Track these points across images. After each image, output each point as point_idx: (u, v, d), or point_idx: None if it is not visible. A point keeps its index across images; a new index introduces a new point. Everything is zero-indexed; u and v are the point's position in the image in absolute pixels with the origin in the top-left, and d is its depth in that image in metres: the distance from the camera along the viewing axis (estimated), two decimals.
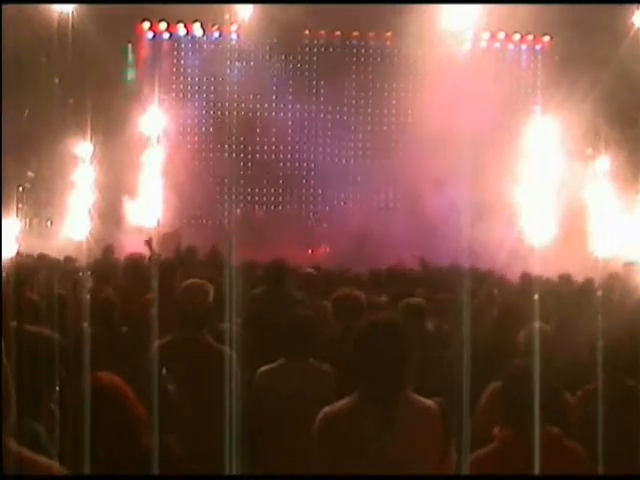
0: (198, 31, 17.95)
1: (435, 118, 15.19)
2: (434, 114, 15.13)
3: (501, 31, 18.05)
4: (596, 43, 14.76)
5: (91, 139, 15.97)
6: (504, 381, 3.49)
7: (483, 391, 4.37)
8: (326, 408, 3.21)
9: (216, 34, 18.02)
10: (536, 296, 5.91)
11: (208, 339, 4.52)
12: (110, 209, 16.27)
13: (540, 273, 9.34)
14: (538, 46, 18.47)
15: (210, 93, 17.96)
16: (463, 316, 5.14)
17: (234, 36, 17.82)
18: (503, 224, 15.64)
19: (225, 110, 18.16)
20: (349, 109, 18.58)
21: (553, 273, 9.82)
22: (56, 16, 15.76)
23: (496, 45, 18.37)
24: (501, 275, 10.18)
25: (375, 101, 18.64)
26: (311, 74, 18.54)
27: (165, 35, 18.09)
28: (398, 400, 3.09)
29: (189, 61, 18.35)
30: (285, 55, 18.28)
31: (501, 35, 18.19)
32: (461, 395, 3.88)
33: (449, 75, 16.31)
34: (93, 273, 8.18)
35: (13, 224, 14.63)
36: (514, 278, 9.74)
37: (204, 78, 18.14)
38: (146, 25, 17.77)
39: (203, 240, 12.02)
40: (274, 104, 18.33)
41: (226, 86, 17.90)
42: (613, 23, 15.60)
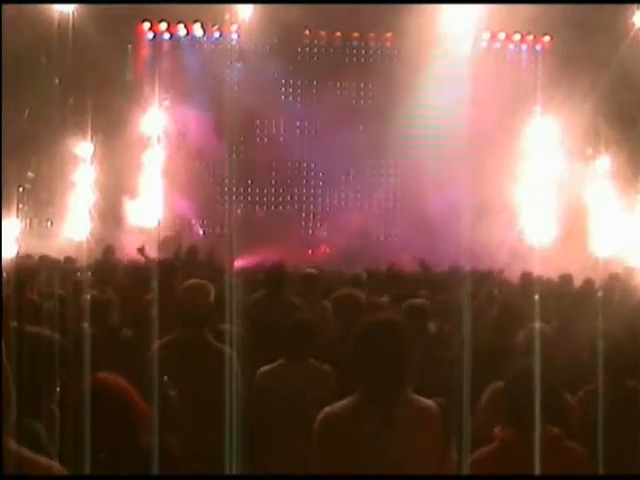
0: (198, 31, 17.95)
1: (435, 118, 15.20)
2: (434, 114, 15.13)
3: (501, 31, 18.03)
4: (596, 43, 14.75)
5: (91, 139, 15.96)
6: (506, 382, 3.49)
7: (483, 391, 4.37)
8: (326, 408, 3.20)
9: (216, 34, 18.01)
10: (536, 296, 5.91)
11: (209, 338, 4.52)
12: (110, 209, 16.26)
13: (540, 273, 9.35)
14: (538, 46, 18.45)
15: (210, 93, 17.94)
16: (463, 317, 5.14)
17: (234, 36, 17.82)
18: (503, 224, 15.64)
19: (225, 110, 18.15)
20: (349, 109, 18.56)
21: (553, 273, 9.83)
22: (56, 16, 15.75)
23: (496, 45, 18.34)
24: (501, 275, 10.19)
25: (375, 101, 18.62)
26: (311, 74, 18.54)
27: (165, 35, 18.07)
28: (398, 400, 3.09)
29: (189, 61, 18.33)
30: (285, 55, 18.28)
31: (501, 35, 18.18)
32: (461, 395, 3.88)
33: (449, 75, 16.31)
34: (94, 274, 8.20)
35: (13, 224, 14.63)
36: (514, 278, 9.74)
37: (204, 78, 18.12)
38: (146, 25, 17.76)
39: (203, 240, 12.03)
40: (274, 104, 18.32)
41: (226, 86, 17.88)
42: (613, 23, 15.60)
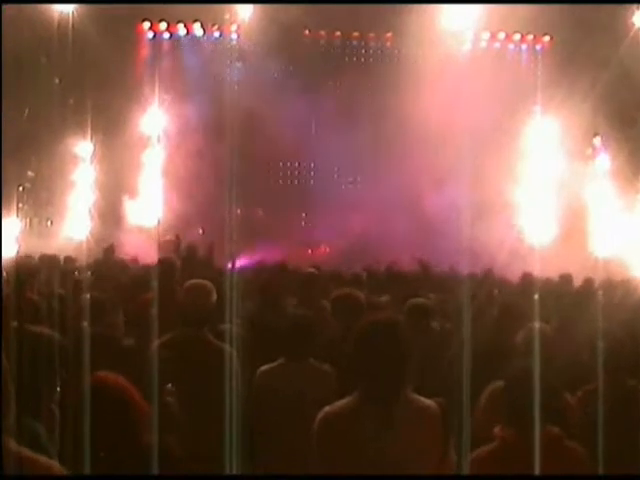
0: (198, 31, 17.95)
1: (435, 118, 15.19)
2: (434, 114, 15.12)
3: (501, 31, 18.03)
4: (596, 43, 14.75)
5: (91, 139, 15.95)
6: (506, 382, 3.49)
7: (482, 391, 4.37)
8: (326, 408, 3.20)
9: (216, 34, 18.01)
10: (536, 296, 5.91)
11: (209, 337, 4.52)
12: (110, 209, 16.25)
13: (540, 273, 9.35)
14: (538, 46, 18.45)
15: (210, 93, 17.93)
16: (463, 316, 5.14)
17: (234, 36, 17.82)
18: (503, 224, 15.64)
19: (225, 110, 18.14)
20: (349, 109, 18.55)
21: (553, 273, 9.82)
22: (56, 16, 15.74)
23: (496, 45, 18.35)
24: (501, 275, 10.19)
25: (375, 101, 18.61)
26: (311, 74, 18.52)
27: (165, 35, 18.07)
28: (398, 400, 3.09)
29: (189, 61, 18.33)
30: (285, 55, 18.26)
31: (501, 35, 18.18)
32: (461, 395, 3.88)
33: (449, 75, 16.30)
34: (93, 273, 8.20)
35: (13, 224, 14.62)
36: (514, 278, 9.74)
37: (204, 78, 18.11)
38: (146, 25, 17.76)
39: (203, 240, 12.04)
40: (274, 104, 18.31)
41: (226, 86, 17.87)
42: (613, 23, 15.59)
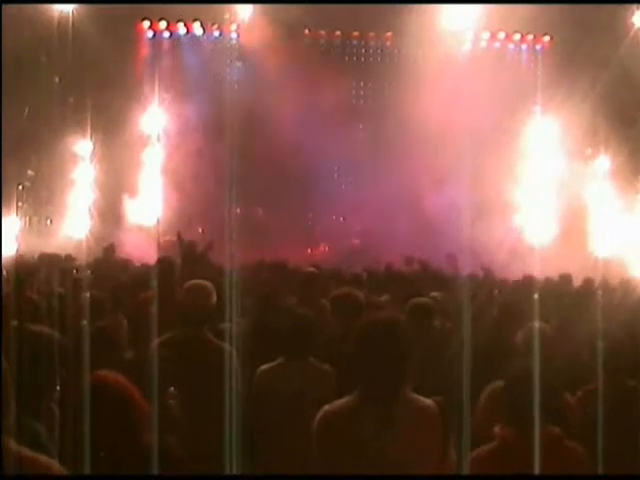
0: (198, 30, 17.94)
1: (435, 118, 15.19)
2: (434, 114, 15.12)
3: (501, 31, 18.03)
4: (596, 43, 14.76)
5: (91, 138, 15.96)
6: (507, 381, 3.49)
7: (482, 390, 4.37)
8: (325, 407, 3.20)
9: (216, 33, 18.00)
10: (536, 296, 5.91)
11: (208, 336, 4.52)
12: (110, 208, 16.25)
13: (540, 273, 9.35)
14: (538, 46, 18.45)
15: (210, 92, 17.93)
16: (463, 316, 5.14)
17: (234, 35, 17.82)
18: (503, 224, 15.64)
19: (225, 109, 18.13)
20: (349, 109, 18.55)
21: (553, 273, 9.83)
22: (56, 15, 15.74)
23: (496, 45, 18.35)
24: (501, 275, 10.19)
25: (375, 101, 18.62)
26: (311, 74, 18.51)
27: (165, 34, 18.07)
28: (398, 399, 3.08)
29: (189, 60, 18.32)
30: (285, 55, 18.25)
31: (501, 35, 18.18)
32: (460, 394, 3.88)
33: (449, 75, 16.30)
34: (93, 272, 8.20)
35: (13, 223, 14.62)
36: (514, 278, 9.73)
37: (204, 77, 18.11)
38: (146, 24, 17.75)
39: (203, 239, 12.03)
40: (274, 103, 18.30)
41: (226, 85, 17.87)
42: (613, 23, 15.59)
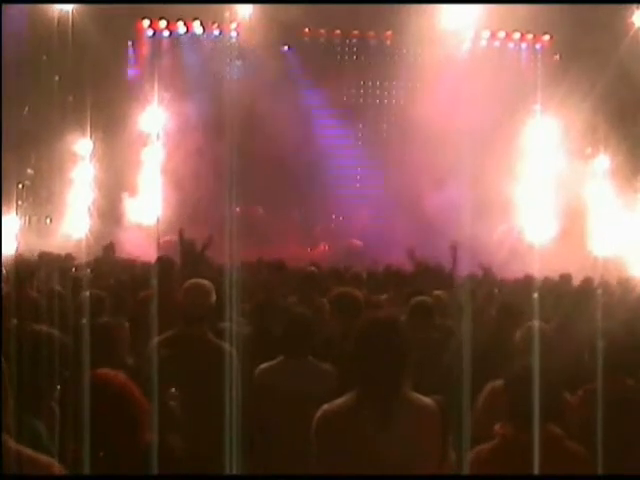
0: (198, 29, 17.94)
1: (435, 117, 15.19)
2: (434, 113, 15.12)
3: (501, 30, 18.04)
4: (596, 42, 14.76)
5: (91, 136, 15.96)
6: (506, 380, 3.49)
7: (480, 389, 4.37)
8: (325, 406, 3.20)
9: (216, 32, 18.00)
10: (535, 295, 5.91)
11: (208, 335, 4.52)
12: (110, 207, 16.26)
13: (539, 271, 9.34)
14: (538, 45, 18.46)
15: (210, 91, 17.92)
16: (463, 315, 5.14)
17: (234, 34, 17.81)
18: (503, 222, 15.64)
19: (225, 107, 18.13)
20: (349, 108, 18.55)
21: (552, 272, 9.82)
22: (56, 14, 15.74)
23: (496, 44, 18.35)
24: (501, 274, 10.19)
25: (375, 100, 18.62)
26: (311, 72, 18.51)
27: (165, 33, 18.07)
28: (397, 398, 3.09)
29: (189, 59, 18.32)
30: (285, 53, 18.25)
31: (501, 34, 18.18)
32: (460, 393, 3.88)
33: (449, 74, 16.31)
34: (93, 270, 8.20)
35: (13, 221, 14.62)
36: (514, 277, 9.73)
37: (204, 76, 18.11)
38: (146, 23, 17.75)
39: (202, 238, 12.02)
40: (274, 102, 18.30)
41: (226, 84, 17.87)
42: (613, 22, 15.60)
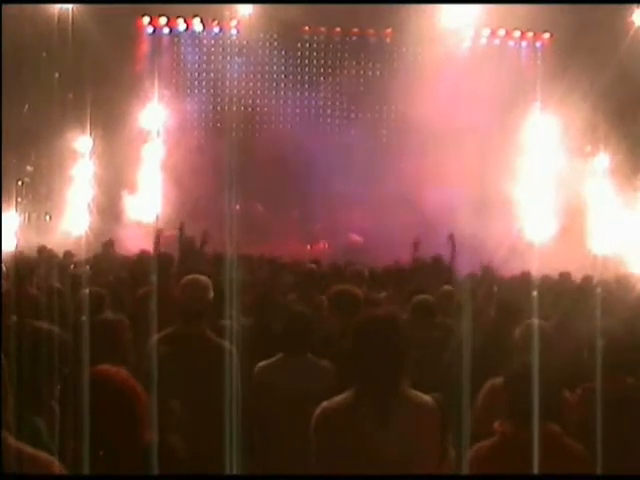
0: (198, 26, 17.93)
1: (435, 115, 15.18)
2: (434, 111, 15.11)
3: (501, 28, 18.03)
4: (596, 41, 14.76)
5: (91, 134, 15.96)
6: (506, 378, 3.49)
7: (480, 387, 4.37)
8: (324, 403, 3.20)
9: (216, 29, 18.00)
10: (535, 293, 5.92)
11: (207, 333, 4.52)
12: (109, 204, 16.26)
13: (539, 270, 9.34)
14: (538, 43, 18.44)
15: (210, 88, 17.91)
16: (463, 313, 5.15)
17: (234, 31, 17.81)
18: (502, 220, 15.63)
19: (225, 105, 18.14)
20: (349, 105, 18.55)
21: (552, 270, 9.82)
22: (56, 11, 15.73)
23: (496, 42, 18.34)
24: (500, 272, 10.19)
25: (375, 98, 18.60)
26: (311, 70, 18.51)
27: (165, 30, 18.06)
28: (396, 395, 3.09)
29: (189, 56, 18.32)
30: (285, 51, 18.25)
31: (501, 32, 18.17)
32: (459, 391, 3.88)
33: (449, 72, 16.29)
34: (92, 267, 8.20)
35: (12, 218, 14.63)
36: (513, 275, 9.74)
37: (204, 73, 18.11)
38: (146, 20, 17.74)
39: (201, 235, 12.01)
40: (274, 99, 18.30)
41: (226, 81, 17.87)
42: (613, 21, 15.60)
